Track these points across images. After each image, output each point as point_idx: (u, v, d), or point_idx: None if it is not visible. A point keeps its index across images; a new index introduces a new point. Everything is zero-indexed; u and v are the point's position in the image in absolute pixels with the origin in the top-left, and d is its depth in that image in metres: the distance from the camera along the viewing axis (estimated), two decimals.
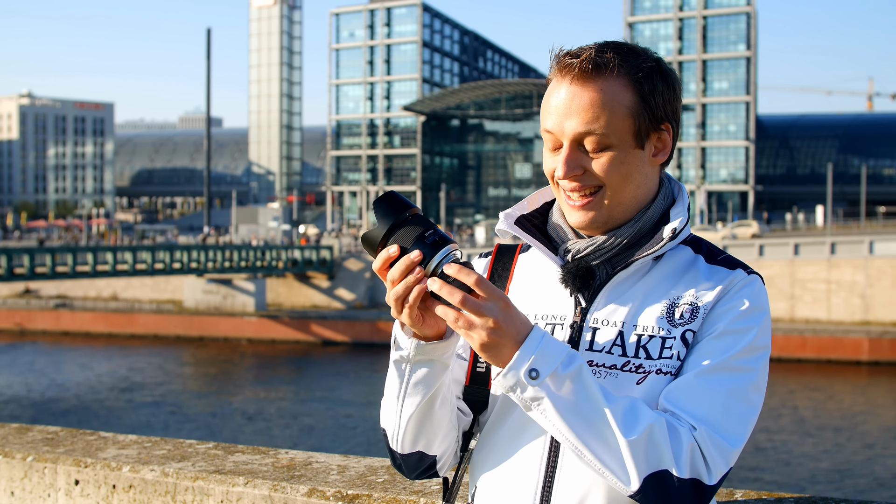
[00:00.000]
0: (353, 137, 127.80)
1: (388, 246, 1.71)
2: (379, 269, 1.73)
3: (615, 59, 1.85)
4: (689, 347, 1.84)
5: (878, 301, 51.47)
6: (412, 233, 1.71)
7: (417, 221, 1.73)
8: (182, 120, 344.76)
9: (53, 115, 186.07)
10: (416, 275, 1.69)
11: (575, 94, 1.84)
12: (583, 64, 1.83)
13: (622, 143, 1.86)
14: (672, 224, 1.90)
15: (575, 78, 1.84)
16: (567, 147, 1.85)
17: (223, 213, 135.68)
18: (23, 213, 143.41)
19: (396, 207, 1.73)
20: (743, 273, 1.91)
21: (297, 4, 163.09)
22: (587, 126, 1.83)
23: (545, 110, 1.89)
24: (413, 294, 1.70)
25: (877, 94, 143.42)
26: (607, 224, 1.91)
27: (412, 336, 1.81)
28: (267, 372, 48.89)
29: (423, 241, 1.70)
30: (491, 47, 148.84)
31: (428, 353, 1.82)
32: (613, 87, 1.84)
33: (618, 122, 1.84)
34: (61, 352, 54.69)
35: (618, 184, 1.87)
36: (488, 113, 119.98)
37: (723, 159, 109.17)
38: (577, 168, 1.85)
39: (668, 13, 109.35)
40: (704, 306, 1.86)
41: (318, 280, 64.11)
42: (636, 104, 1.86)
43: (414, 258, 1.68)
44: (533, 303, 1.97)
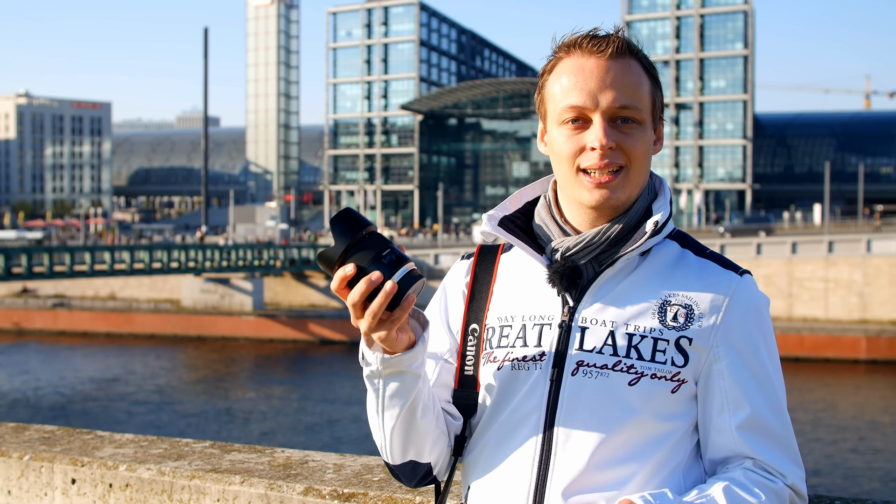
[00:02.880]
0: (350, 136, 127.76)
1: (346, 265, 1.70)
2: (337, 289, 1.71)
3: (636, 45, 1.91)
4: (686, 357, 1.84)
5: (875, 299, 51.56)
6: (369, 253, 1.70)
7: (374, 240, 1.71)
8: (179, 119, 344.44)
9: (51, 114, 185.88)
10: (379, 301, 1.68)
11: (610, 68, 1.86)
12: (619, 42, 1.87)
13: (645, 122, 1.90)
14: (654, 217, 1.90)
15: (611, 55, 1.86)
16: (603, 119, 1.85)
17: (221, 213, 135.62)
18: (20, 212, 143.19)
19: (353, 226, 1.70)
20: (736, 276, 1.91)
21: (295, 3, 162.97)
22: (626, 99, 1.86)
23: (567, 85, 1.89)
24: (375, 321, 1.71)
25: (874, 92, 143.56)
26: (624, 206, 1.91)
27: (378, 351, 1.80)
28: (264, 371, 48.90)
29: (381, 262, 1.69)
30: (488, 46, 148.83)
31: (395, 366, 1.81)
32: (638, 68, 1.90)
33: (645, 99, 1.90)
34: (59, 351, 54.69)
35: (638, 164, 1.89)
36: (486, 112, 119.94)
37: (720, 158, 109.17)
38: (613, 141, 1.85)
39: (666, 12, 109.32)
40: (701, 312, 1.86)
41: (316, 279, 64.14)
42: (652, 87, 1.92)
43: (374, 279, 1.67)
44: (519, 303, 1.96)
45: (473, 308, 2.03)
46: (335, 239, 1.70)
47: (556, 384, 1.85)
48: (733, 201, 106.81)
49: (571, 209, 1.95)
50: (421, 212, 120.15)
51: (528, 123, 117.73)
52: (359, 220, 1.71)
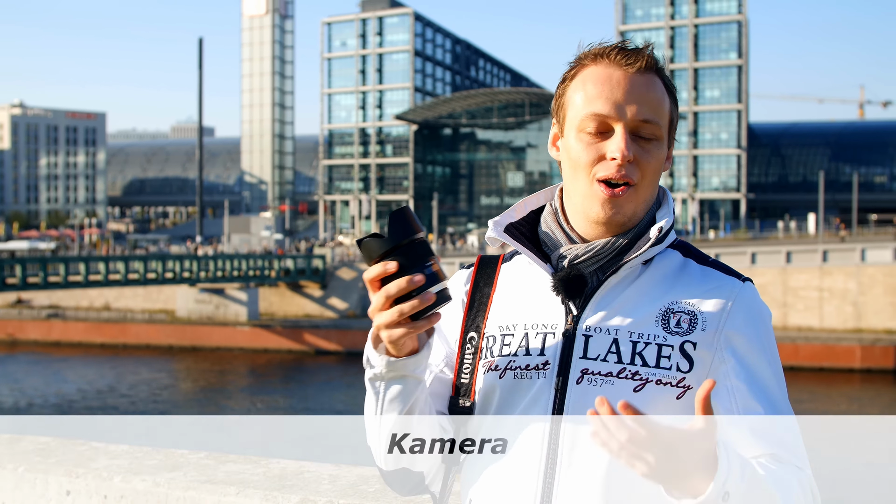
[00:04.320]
0: (345, 146, 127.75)
1: (388, 260, 1.72)
2: (371, 279, 1.73)
3: (662, 63, 1.94)
4: (691, 361, 1.84)
5: (870, 308, 51.62)
6: (416, 257, 1.73)
7: (423, 247, 1.74)
8: (174, 129, 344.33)
9: (45, 124, 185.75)
10: (413, 304, 1.71)
11: (637, 82, 1.88)
12: (649, 58, 1.90)
13: (663, 140, 1.92)
14: (658, 224, 1.92)
15: (641, 69, 1.89)
16: (624, 131, 1.86)
17: (215, 223, 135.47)
18: (14, 223, 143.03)
19: (408, 227, 1.73)
20: (738, 282, 1.92)
21: (289, 14, 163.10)
22: (650, 114, 1.88)
23: (593, 93, 1.90)
24: (401, 318, 1.73)
25: (868, 101, 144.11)
26: (629, 222, 1.92)
27: (384, 354, 1.82)
28: (259, 381, 48.84)
29: (424, 270, 1.72)
30: (483, 56, 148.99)
31: (400, 370, 1.82)
32: (661, 85, 1.92)
33: (665, 116, 1.92)
34: (53, 362, 54.54)
35: (649, 180, 1.91)
36: (480, 122, 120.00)
37: (715, 167, 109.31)
38: (632, 153, 1.86)
39: (660, 22, 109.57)
40: (704, 317, 1.87)
41: (311, 289, 64.06)
42: (672, 106, 1.94)
43: (416, 281, 1.70)
44: (521, 312, 1.96)
45: (472, 316, 2.03)
46: (389, 232, 1.73)
47: (560, 392, 1.85)
48: (728, 211, 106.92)
49: (578, 220, 1.96)
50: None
51: (523, 133, 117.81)
52: (414, 223, 1.74)
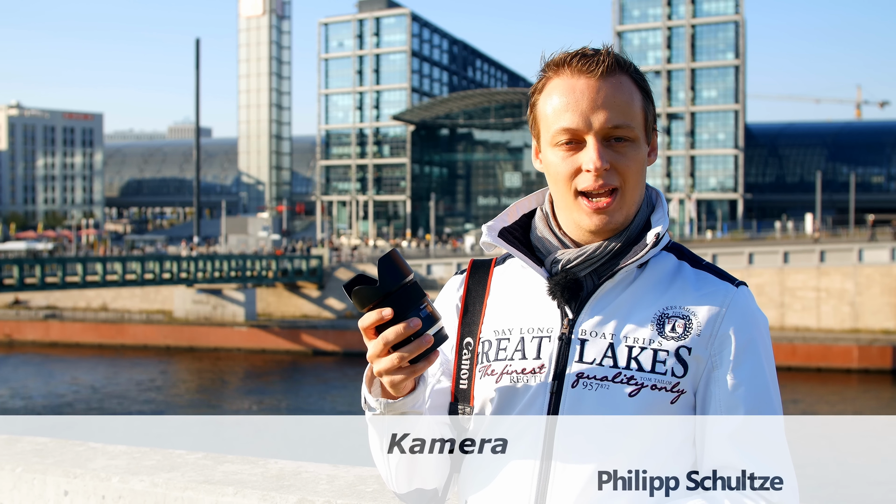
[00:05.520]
0: (342, 147, 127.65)
1: (383, 308, 1.73)
2: (367, 326, 1.74)
3: (626, 61, 1.92)
4: (686, 366, 1.85)
5: (867, 309, 51.66)
6: (409, 302, 1.74)
7: (415, 290, 1.74)
8: (171, 130, 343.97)
9: (42, 125, 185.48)
10: (411, 348, 1.72)
11: (601, 88, 1.87)
12: (609, 60, 1.88)
13: (639, 139, 1.91)
14: (655, 229, 1.92)
15: (602, 74, 1.87)
16: (596, 140, 1.86)
17: (213, 224, 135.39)
18: (11, 223, 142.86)
19: (399, 272, 1.74)
20: (732, 287, 1.92)
21: (286, 14, 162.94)
22: (619, 118, 1.86)
23: (558, 106, 1.90)
24: (401, 364, 1.74)
25: (865, 102, 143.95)
26: (622, 226, 1.92)
27: (380, 396, 1.83)
28: (257, 382, 48.81)
29: (419, 313, 1.74)
30: (480, 56, 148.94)
31: (399, 409, 1.84)
32: (629, 84, 1.90)
33: (638, 115, 1.90)
34: (50, 362, 54.50)
35: (633, 182, 1.90)
36: (477, 122, 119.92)
37: (712, 168, 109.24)
38: (607, 162, 1.86)
39: (657, 22, 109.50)
40: (699, 322, 1.87)
41: (308, 290, 64.05)
42: (644, 101, 1.92)
43: (412, 326, 1.71)
44: (517, 316, 1.96)
45: (467, 322, 2.03)
46: (380, 279, 1.73)
47: (555, 396, 1.86)
48: (725, 211, 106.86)
49: (570, 227, 1.97)
50: (413, 222, 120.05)
51: (520, 134, 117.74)
52: (403, 267, 1.74)
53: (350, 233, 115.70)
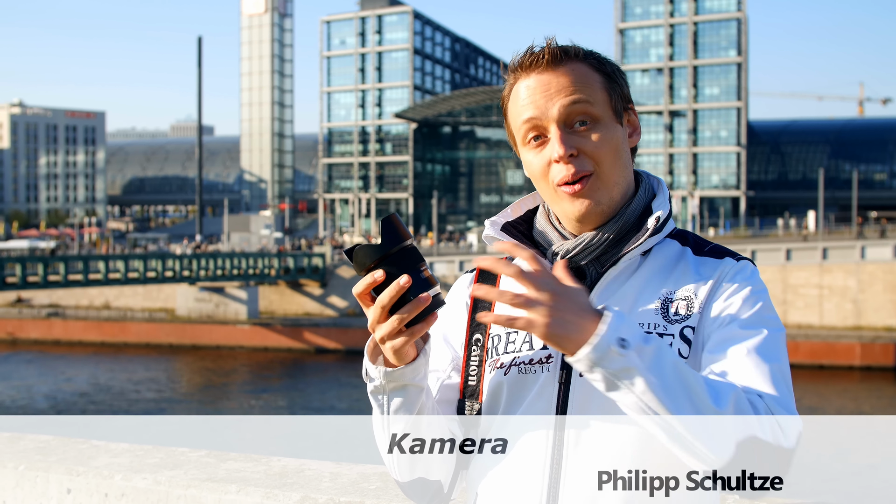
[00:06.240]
0: (344, 145, 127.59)
1: (376, 271, 1.73)
2: (361, 293, 1.74)
3: (575, 49, 1.93)
4: (690, 344, 1.85)
5: (869, 306, 51.62)
6: (406, 264, 1.73)
7: (412, 253, 1.75)
8: (173, 128, 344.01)
9: (45, 123, 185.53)
10: (409, 307, 1.71)
11: (551, 78, 1.90)
12: (552, 50, 1.91)
13: (605, 117, 1.91)
14: (655, 214, 1.92)
15: (547, 64, 1.90)
16: (557, 128, 1.88)
17: (215, 222, 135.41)
18: (14, 222, 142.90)
19: (396, 235, 1.74)
20: (732, 260, 1.92)
21: (289, 12, 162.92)
22: (573, 97, 1.88)
23: (519, 106, 1.93)
24: (400, 325, 1.73)
25: (867, 99, 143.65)
26: (609, 208, 1.92)
27: (381, 365, 1.83)
28: (260, 380, 48.83)
29: (416, 275, 1.73)
30: (482, 54, 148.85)
31: (398, 379, 1.83)
32: (582, 68, 1.92)
33: (597, 93, 1.91)
34: (53, 361, 54.55)
35: (610, 162, 1.90)
36: (480, 120, 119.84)
37: (714, 165, 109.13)
38: (572, 147, 1.87)
39: (659, 19, 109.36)
40: (700, 300, 1.88)
41: (311, 287, 64.06)
42: (605, 81, 1.93)
43: (403, 284, 1.70)
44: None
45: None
46: (382, 239, 1.74)
47: (564, 386, 1.86)
48: (727, 208, 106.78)
49: (563, 219, 1.99)
50: (415, 220, 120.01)
51: None
52: (402, 230, 1.74)
53: (352, 231, 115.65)
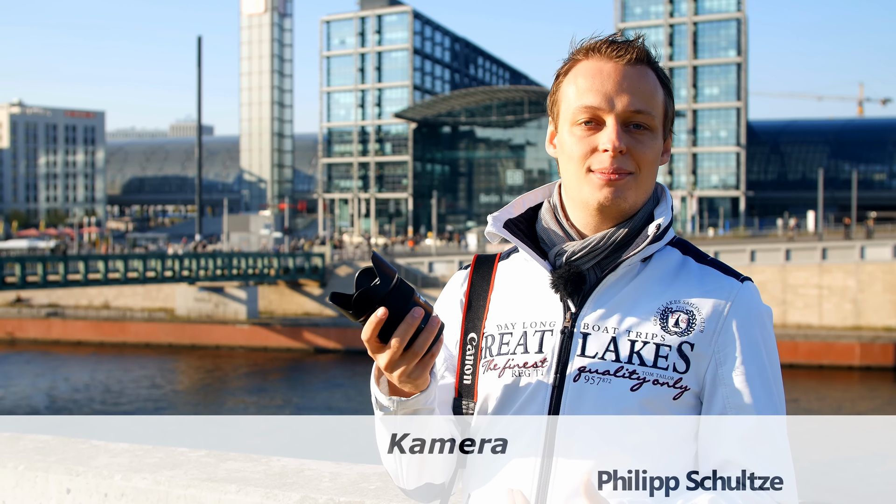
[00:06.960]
0: (344, 145, 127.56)
1: (376, 311, 1.71)
2: (369, 337, 1.72)
3: (652, 55, 1.94)
4: (688, 363, 1.85)
5: (869, 306, 51.59)
6: (403, 298, 1.72)
7: (405, 287, 1.73)
8: (173, 128, 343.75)
9: (44, 123, 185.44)
10: (424, 336, 1.73)
11: (627, 74, 1.89)
12: (639, 50, 1.91)
13: (657, 130, 1.91)
14: (656, 221, 1.92)
15: (630, 61, 1.90)
16: (616, 122, 1.87)
17: (215, 221, 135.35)
18: (14, 221, 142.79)
19: (390, 268, 1.72)
20: (737, 283, 1.91)
21: (288, 12, 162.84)
22: (641, 104, 1.88)
23: (584, 87, 1.91)
24: (417, 359, 1.74)
25: (867, 99, 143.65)
26: (630, 210, 1.92)
27: (389, 394, 1.83)
28: (259, 379, 48.81)
29: (418, 305, 1.73)
30: (482, 54, 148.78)
31: (411, 407, 1.83)
32: (654, 77, 1.93)
33: (659, 107, 1.92)
34: (52, 360, 54.52)
35: (647, 170, 1.91)
36: (479, 120, 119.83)
37: (714, 165, 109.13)
38: (624, 145, 1.86)
39: (659, 19, 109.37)
40: (702, 318, 1.87)
41: (310, 287, 64.01)
42: (666, 99, 1.95)
43: (416, 316, 1.71)
44: (519, 310, 1.96)
45: (471, 317, 2.03)
46: (380, 282, 1.71)
47: (557, 390, 1.86)
48: (727, 208, 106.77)
49: (577, 211, 1.96)
50: (415, 220, 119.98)
51: (522, 131, 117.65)
52: (388, 269, 1.73)
53: (352, 230, 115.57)
